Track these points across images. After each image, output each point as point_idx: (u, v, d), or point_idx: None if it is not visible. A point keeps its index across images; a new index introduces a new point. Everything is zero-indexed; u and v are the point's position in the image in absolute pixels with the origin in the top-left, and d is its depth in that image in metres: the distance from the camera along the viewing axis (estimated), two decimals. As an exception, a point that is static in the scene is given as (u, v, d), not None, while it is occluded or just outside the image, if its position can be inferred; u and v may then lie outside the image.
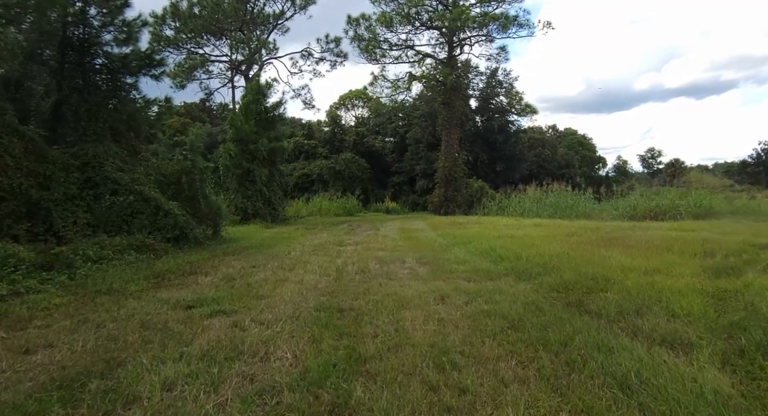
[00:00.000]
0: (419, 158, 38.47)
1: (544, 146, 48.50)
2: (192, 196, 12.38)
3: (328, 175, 36.48)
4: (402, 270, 6.83)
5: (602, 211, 19.95)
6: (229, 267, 7.88)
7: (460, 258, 7.40)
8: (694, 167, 75.10)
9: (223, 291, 5.55)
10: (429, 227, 15.75)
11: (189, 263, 8.33)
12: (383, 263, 7.68)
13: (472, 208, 23.29)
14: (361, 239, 12.62)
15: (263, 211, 19.21)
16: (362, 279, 6.15)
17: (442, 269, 6.60)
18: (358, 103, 48.83)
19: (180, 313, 4.35)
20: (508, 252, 7.11)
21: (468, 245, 9.17)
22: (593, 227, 12.03)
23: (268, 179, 19.90)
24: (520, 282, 5.25)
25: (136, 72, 12.69)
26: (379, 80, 24.85)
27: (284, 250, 10.34)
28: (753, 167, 60.24)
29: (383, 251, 9.57)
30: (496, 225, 14.21)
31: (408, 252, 9.03)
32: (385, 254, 8.84)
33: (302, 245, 11.51)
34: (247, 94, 20.47)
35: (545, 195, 22.25)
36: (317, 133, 44.64)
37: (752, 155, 63.13)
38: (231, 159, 19.09)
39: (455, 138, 24.51)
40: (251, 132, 19.15)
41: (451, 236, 11.46)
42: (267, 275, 6.73)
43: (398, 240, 11.74)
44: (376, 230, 15.65)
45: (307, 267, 7.45)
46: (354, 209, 30.44)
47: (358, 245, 10.97)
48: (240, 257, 9.25)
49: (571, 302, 4.11)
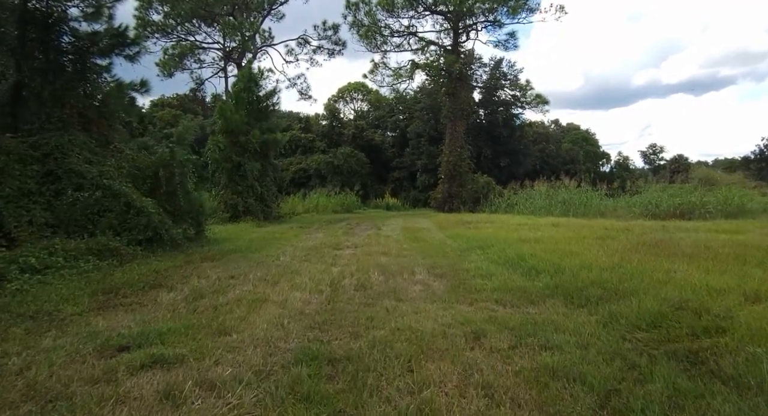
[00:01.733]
0: (420, 153, 37.07)
1: (548, 141, 47.21)
2: (171, 192, 11.01)
3: (325, 170, 35.06)
4: (412, 286, 5.47)
5: (617, 208, 18.63)
6: (203, 278, 6.53)
7: (482, 269, 6.04)
8: (693, 164, 74.04)
9: (179, 319, 4.21)
10: (435, 226, 14.40)
11: (156, 272, 6.97)
12: (388, 274, 6.33)
13: (478, 205, 21.93)
14: (360, 240, 11.27)
15: (255, 208, 17.83)
16: (363, 300, 4.80)
17: (463, 285, 5.24)
18: (358, 96, 47.35)
19: (102, 364, 3.00)
20: (543, 262, 5.76)
21: (487, 250, 7.81)
22: (622, 228, 10.70)
23: (261, 174, 18.50)
24: (577, 310, 3.90)
25: (107, 52, 11.29)
26: (380, 68, 23.43)
27: (273, 254, 9.00)
28: (756, 163, 59.17)
29: (387, 256, 8.22)
30: (509, 225, 12.86)
31: (416, 259, 7.67)
32: (390, 261, 7.48)
33: (294, 247, 10.17)
34: (238, 82, 19.06)
35: (555, 191, 20.91)
36: (315, 126, 43.20)
37: (755, 150, 62.20)
38: (220, 152, 17.70)
39: (460, 131, 23.12)
40: (242, 123, 17.74)
41: (463, 238, 10.11)
42: (244, 292, 5.38)
43: (403, 242, 10.39)
44: (377, 230, 14.30)
45: (295, 280, 6.10)
46: (353, 205, 29.08)
47: (358, 249, 9.62)
48: (220, 263, 7.90)
49: (680, 354, 2.74)
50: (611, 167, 65.74)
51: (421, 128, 37.31)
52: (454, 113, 22.74)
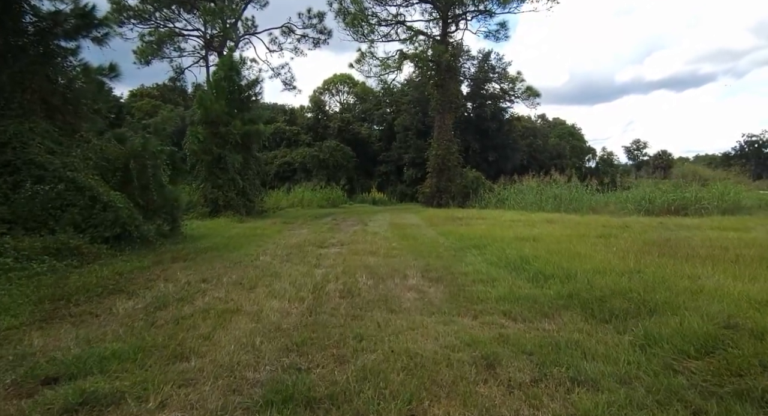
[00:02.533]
0: (408, 147, 36.45)
1: (535, 135, 46.97)
2: (143, 185, 10.23)
3: (311, 164, 34.24)
4: (406, 292, 4.86)
5: (608, 204, 18.29)
6: (170, 282, 5.84)
7: (482, 273, 5.46)
8: (676, 160, 74.74)
9: (131, 336, 3.54)
10: (424, 222, 13.82)
11: (118, 274, 6.25)
12: (377, 277, 5.72)
13: (467, 200, 21.40)
14: (346, 237, 10.64)
15: (236, 202, 17.04)
16: (350, 310, 4.18)
17: (463, 292, 4.64)
18: (344, 88, 46.52)
19: (12, 406, 2.33)
20: (549, 266, 5.19)
21: (483, 250, 7.24)
22: (620, 225, 10.25)
23: (243, 167, 17.68)
24: (601, 326, 3.32)
25: (73, 34, 10.43)
26: (367, 58, 22.63)
27: (252, 253, 8.32)
28: (736, 159, 60.06)
29: (375, 256, 7.60)
30: (502, 221, 12.34)
31: (408, 259, 7.07)
32: (379, 262, 6.87)
33: (276, 245, 9.50)
34: (218, 71, 18.15)
35: (546, 187, 20.49)
36: (300, 119, 42.26)
37: (735, 147, 63.17)
38: (199, 144, 16.81)
39: (449, 123, 22.51)
40: (223, 113, 16.89)
41: (455, 236, 9.54)
42: (214, 300, 4.71)
43: (392, 240, 9.78)
44: (363, 226, 13.67)
45: (273, 285, 5.44)
46: (338, 200, 28.37)
47: (344, 247, 8.99)
48: (192, 264, 7.20)
49: (755, 396, 2.14)
50: (597, 163, 66.03)
51: (408, 122, 36.67)
52: (442, 105, 22.12)
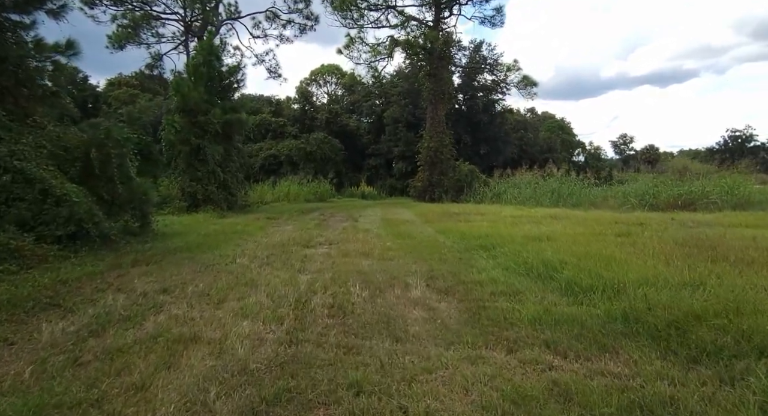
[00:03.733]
0: (398, 139, 35.44)
1: (526, 128, 46.37)
2: (108, 177, 9.12)
3: (297, 156, 33.03)
4: (411, 309, 3.92)
5: (607, 198, 17.56)
6: (123, 293, 4.83)
7: (500, 282, 4.53)
8: (662, 154, 74.87)
9: (38, 382, 2.56)
10: (419, 218, 12.89)
11: (61, 282, 5.21)
12: (374, 287, 4.77)
13: (461, 194, 20.50)
14: (335, 235, 9.66)
15: (217, 196, 15.91)
16: (342, 337, 3.23)
17: (484, 310, 3.71)
18: (331, 79, 45.15)
19: None
20: (583, 274, 4.28)
21: (493, 251, 6.32)
22: (634, 222, 9.43)
23: (224, 159, 16.54)
24: (692, 370, 2.38)
25: (23, 5, 9.24)
26: (357, 43, 21.48)
27: (228, 254, 7.31)
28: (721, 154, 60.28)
29: (368, 258, 6.65)
30: (503, 217, 11.47)
31: (407, 263, 6.13)
32: (374, 267, 5.92)
33: (257, 244, 8.50)
34: (197, 55, 16.91)
35: (542, 181, 19.72)
36: (286, 110, 40.95)
37: (719, 141, 63.59)
38: (176, 133, 15.63)
39: (441, 115, 21.54)
40: (201, 100, 15.71)
41: (456, 234, 8.62)
42: (168, 321, 3.73)
43: (386, 238, 8.83)
44: (353, 222, 12.70)
45: (247, 298, 4.47)
46: (326, 194, 27.30)
47: (333, 247, 8.02)
48: (156, 268, 6.17)
49: None
50: (585, 157, 65.80)
51: (398, 114, 35.63)
52: (435, 96, 21.14)
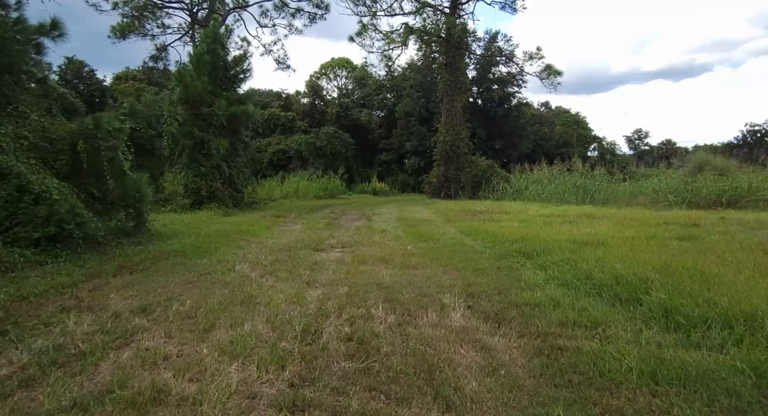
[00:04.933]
0: (410, 134, 34.40)
1: (541, 123, 45.01)
2: (97, 172, 8.23)
3: (307, 151, 32.11)
4: (457, 349, 2.94)
5: (637, 195, 16.40)
6: (90, 314, 3.91)
7: (565, 305, 3.53)
8: (674, 149, 72.84)
9: None
10: (438, 216, 11.88)
11: (21, 299, 4.31)
12: (401, 308, 3.80)
13: (478, 190, 19.43)
14: (348, 236, 8.70)
15: (222, 193, 15.01)
16: (367, 400, 2.25)
17: (560, 353, 2.71)
18: (341, 72, 44.12)
19: None
20: (683, 297, 3.16)
21: (537, 259, 5.30)
22: (685, 221, 8.33)
23: (229, 153, 15.65)
24: None
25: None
26: (369, 30, 20.44)
27: (227, 259, 6.39)
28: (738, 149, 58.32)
29: (389, 266, 5.67)
30: (531, 216, 10.42)
31: (436, 273, 5.14)
32: (397, 278, 4.94)
33: (261, 247, 7.57)
34: (200, 43, 16.00)
35: (564, 176, 18.58)
36: (295, 104, 40.03)
37: (737, 136, 61.77)
38: (179, 126, 14.74)
39: (458, 107, 20.44)
40: (205, 91, 14.81)
41: (485, 236, 7.60)
42: (135, 361, 2.79)
43: (405, 240, 7.85)
44: (367, 221, 11.74)
45: (241, 324, 3.52)
46: (336, 190, 26.38)
47: (346, 251, 7.06)
48: (141, 277, 5.26)
49: None
50: (600, 152, 64.19)
51: (410, 107, 34.56)
52: (452, 87, 20.05)
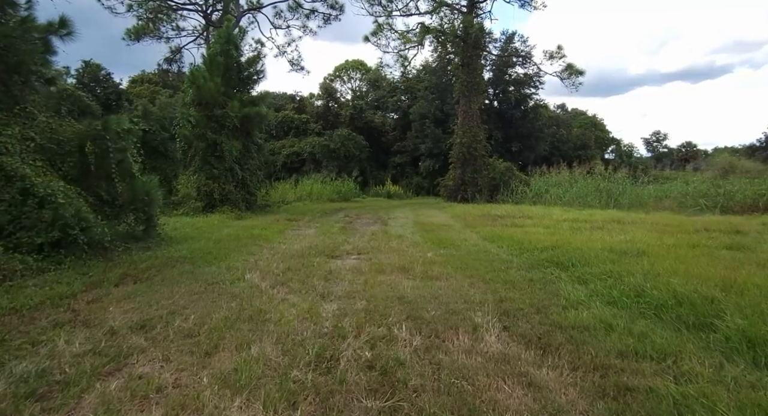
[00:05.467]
0: (425, 136, 33.94)
1: (558, 125, 44.18)
2: (107, 175, 7.96)
3: (320, 154, 31.86)
4: (501, 385, 2.49)
5: (662, 199, 15.71)
6: (86, 329, 3.56)
7: (620, 329, 3.06)
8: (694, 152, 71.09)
9: None
10: (457, 221, 11.40)
11: (12, 311, 3.99)
12: (427, 328, 3.37)
13: (496, 193, 18.90)
14: (364, 241, 8.29)
15: (235, 196, 14.76)
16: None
17: (630, 394, 2.24)
18: (356, 74, 43.95)
19: None
20: (762, 321, 2.79)
21: (573, 270, 4.81)
22: (726, 228, 7.74)
23: (242, 155, 15.39)
24: None
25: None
26: (385, 30, 20.08)
27: (238, 267, 6.02)
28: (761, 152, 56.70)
29: (409, 276, 5.24)
30: (556, 221, 9.90)
31: (462, 285, 4.69)
32: (419, 290, 4.50)
33: (273, 253, 7.20)
34: (214, 44, 15.79)
35: (585, 179, 17.96)
36: (309, 107, 39.87)
37: (761, 138, 60.07)
38: (192, 128, 14.51)
39: (475, 108, 19.93)
40: (218, 92, 14.57)
41: (510, 243, 7.12)
42: (123, 393, 2.41)
43: (425, 247, 7.41)
44: (383, 225, 11.32)
45: (248, 346, 3.12)
46: (350, 193, 26.05)
47: (362, 257, 6.64)
48: (144, 287, 4.91)
49: None
50: (620, 154, 63.02)
51: (425, 109, 34.12)
52: (468, 87, 19.56)
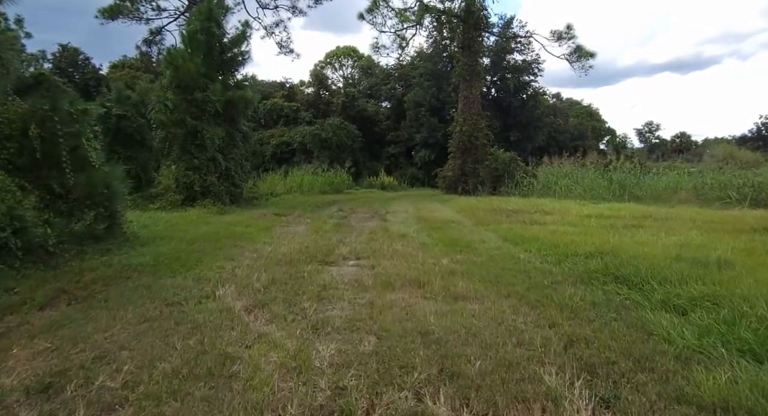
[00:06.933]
0: (420, 125, 32.64)
1: (555, 114, 43.13)
2: (55, 163, 6.66)
3: (312, 143, 30.45)
4: None
5: (678, 190, 14.71)
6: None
7: None
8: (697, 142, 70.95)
9: None
10: (465, 216, 10.24)
11: None
12: (476, 396, 2.20)
13: (499, 185, 17.74)
14: (363, 242, 7.09)
15: (218, 188, 13.43)
16: None
17: None
18: (347, 62, 42.41)
19: None
20: None
21: (650, 290, 3.65)
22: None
23: (226, 144, 14.03)
24: None
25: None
26: (381, 7, 18.71)
27: (209, 278, 4.82)
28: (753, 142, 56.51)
29: (428, 294, 4.07)
30: (580, 217, 8.79)
31: (502, 312, 3.53)
32: (446, 319, 3.34)
33: (256, 257, 5.99)
34: (193, 21, 14.34)
35: (600, 170, 16.93)
36: (299, 95, 38.33)
37: (752, 129, 60.03)
38: (169, 113, 13.12)
39: (476, 93, 18.71)
40: (198, 74, 13.17)
41: (542, 247, 5.97)
42: None
43: (436, 250, 6.23)
44: (382, 221, 10.13)
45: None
46: (343, 184, 24.79)
47: (364, 267, 5.44)
48: (79, 311, 3.69)
49: None
50: (614, 145, 62.44)
51: (420, 97, 32.76)
52: (470, 72, 18.29)
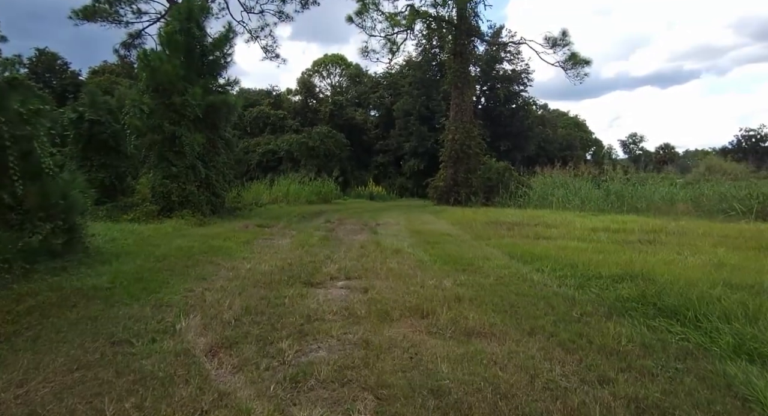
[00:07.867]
0: (409, 134, 32.14)
1: (544, 124, 43.14)
2: (3, 170, 5.82)
3: (299, 152, 29.65)
4: None
5: (675, 202, 14.28)
6: None
7: None
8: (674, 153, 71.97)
9: None
10: (461, 229, 9.56)
11: None
12: None
13: (492, 196, 17.16)
14: (353, 259, 6.35)
15: (197, 198, 12.55)
16: None
17: None
18: (335, 70, 41.85)
19: None
20: None
21: (708, 329, 2.88)
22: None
23: (207, 151, 13.20)
24: None
25: None
26: (371, 10, 18.13)
27: (171, 306, 4.06)
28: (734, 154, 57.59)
29: (433, 329, 3.37)
30: (584, 229, 8.16)
31: (531, 357, 2.83)
32: (461, 369, 2.63)
33: (231, 278, 5.20)
34: (172, 21, 13.57)
35: (596, 181, 16.47)
36: (286, 103, 37.63)
37: (732, 141, 61.75)
38: (146, 118, 12.26)
39: (469, 101, 18.20)
40: (176, 77, 12.35)
41: (556, 266, 5.30)
42: None
43: (435, 269, 5.52)
44: (372, 234, 9.41)
45: None
46: (331, 194, 23.99)
47: (355, 290, 4.70)
48: None
49: None
50: (600, 156, 62.98)
51: (409, 106, 32.31)
52: (461, 78, 17.76)
